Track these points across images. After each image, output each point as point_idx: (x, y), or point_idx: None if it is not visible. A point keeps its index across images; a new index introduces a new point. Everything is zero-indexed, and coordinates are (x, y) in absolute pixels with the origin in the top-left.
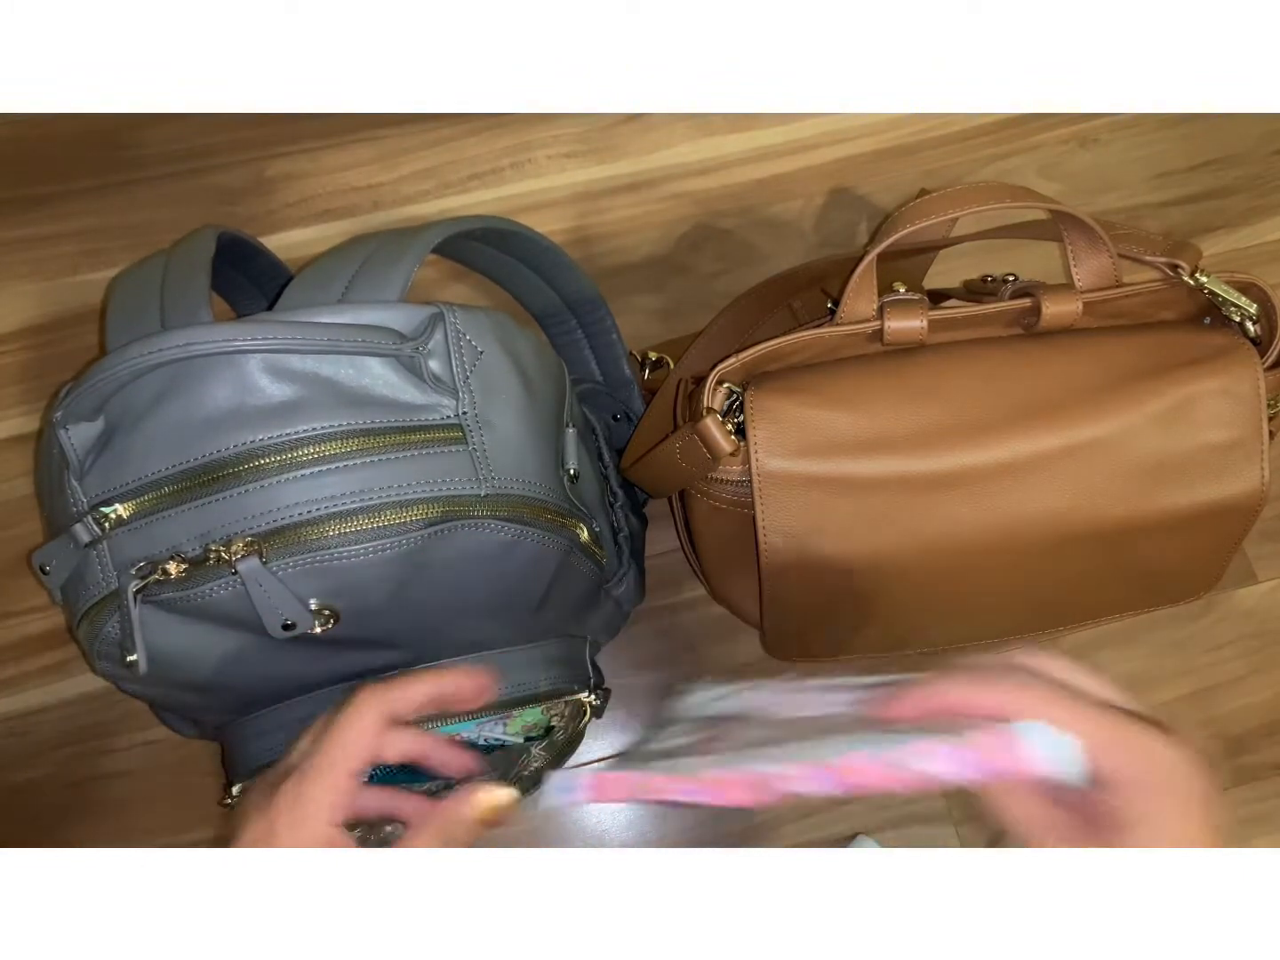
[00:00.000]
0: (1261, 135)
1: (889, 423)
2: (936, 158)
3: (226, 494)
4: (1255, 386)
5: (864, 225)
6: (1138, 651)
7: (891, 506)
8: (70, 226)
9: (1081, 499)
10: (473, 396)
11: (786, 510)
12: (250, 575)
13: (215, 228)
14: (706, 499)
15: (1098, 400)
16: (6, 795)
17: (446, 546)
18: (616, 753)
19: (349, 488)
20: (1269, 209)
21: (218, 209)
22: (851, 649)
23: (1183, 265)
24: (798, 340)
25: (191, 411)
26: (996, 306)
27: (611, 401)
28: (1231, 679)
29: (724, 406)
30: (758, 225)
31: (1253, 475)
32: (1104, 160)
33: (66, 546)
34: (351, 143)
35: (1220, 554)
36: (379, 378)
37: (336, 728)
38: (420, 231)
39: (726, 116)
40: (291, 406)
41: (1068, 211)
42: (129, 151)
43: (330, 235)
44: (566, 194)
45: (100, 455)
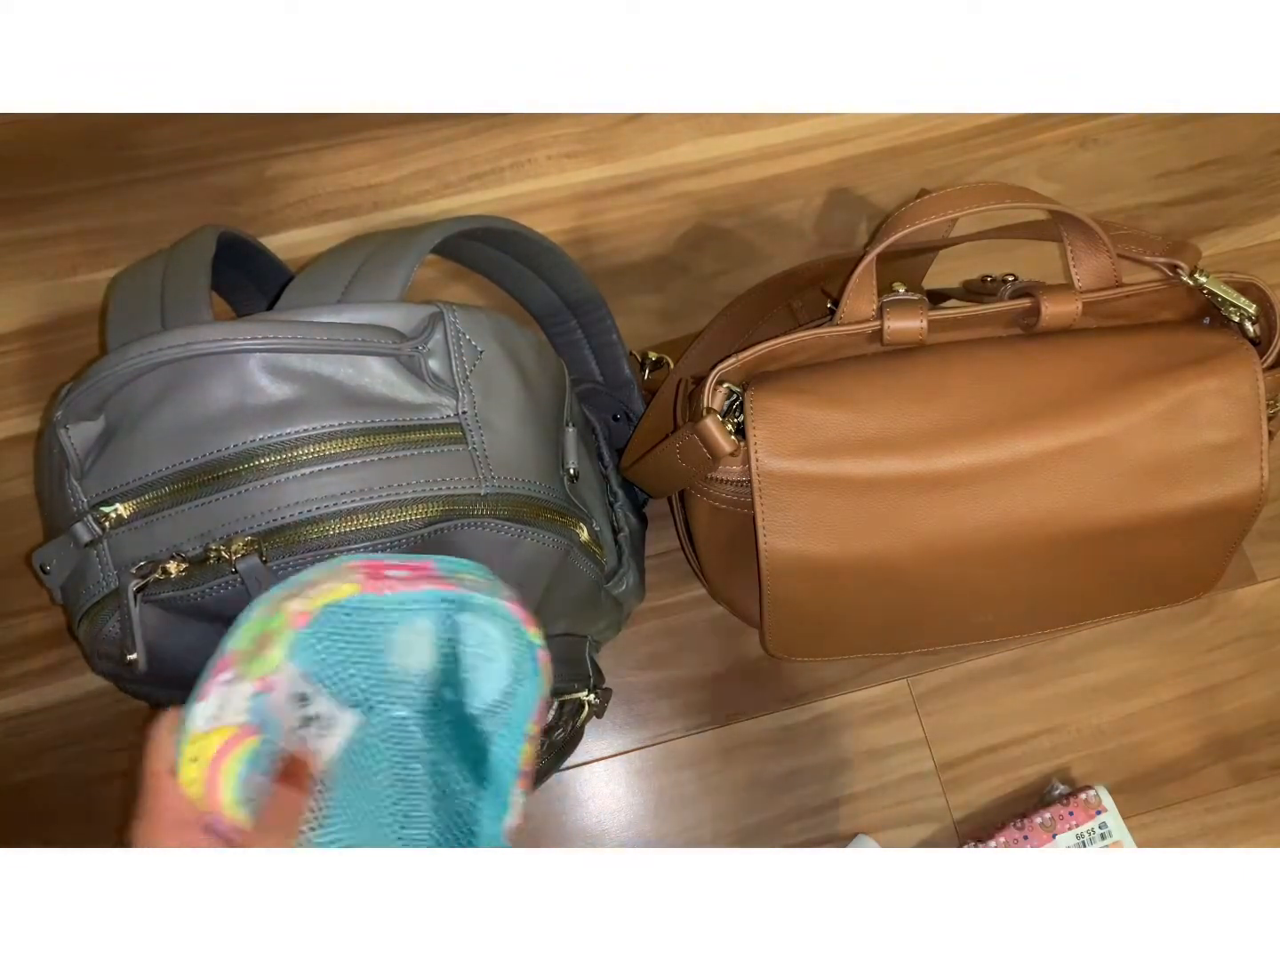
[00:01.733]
0: (1261, 135)
1: (889, 423)
2: (936, 158)
3: (226, 493)
4: (1255, 387)
5: (864, 225)
6: (1138, 651)
7: (891, 506)
8: (70, 226)
9: (1081, 499)
10: (472, 396)
11: (786, 510)
12: (250, 574)
13: (215, 228)
14: (706, 499)
15: (1097, 400)
16: (6, 795)
17: (446, 546)
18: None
19: (349, 487)
20: (1269, 209)
21: (218, 209)
22: (851, 649)
23: (1182, 265)
24: (798, 340)
25: (192, 411)
26: (996, 307)
27: (611, 401)
28: (1231, 679)
29: (724, 406)
30: (758, 225)
31: (1252, 475)
32: (1104, 160)
33: (67, 546)
34: (351, 143)
35: (1220, 554)
36: (379, 377)
37: None
38: (420, 231)
39: (726, 116)
40: (291, 406)
41: (1067, 212)
42: (129, 151)
43: (330, 235)
44: (566, 194)
45: (100, 455)
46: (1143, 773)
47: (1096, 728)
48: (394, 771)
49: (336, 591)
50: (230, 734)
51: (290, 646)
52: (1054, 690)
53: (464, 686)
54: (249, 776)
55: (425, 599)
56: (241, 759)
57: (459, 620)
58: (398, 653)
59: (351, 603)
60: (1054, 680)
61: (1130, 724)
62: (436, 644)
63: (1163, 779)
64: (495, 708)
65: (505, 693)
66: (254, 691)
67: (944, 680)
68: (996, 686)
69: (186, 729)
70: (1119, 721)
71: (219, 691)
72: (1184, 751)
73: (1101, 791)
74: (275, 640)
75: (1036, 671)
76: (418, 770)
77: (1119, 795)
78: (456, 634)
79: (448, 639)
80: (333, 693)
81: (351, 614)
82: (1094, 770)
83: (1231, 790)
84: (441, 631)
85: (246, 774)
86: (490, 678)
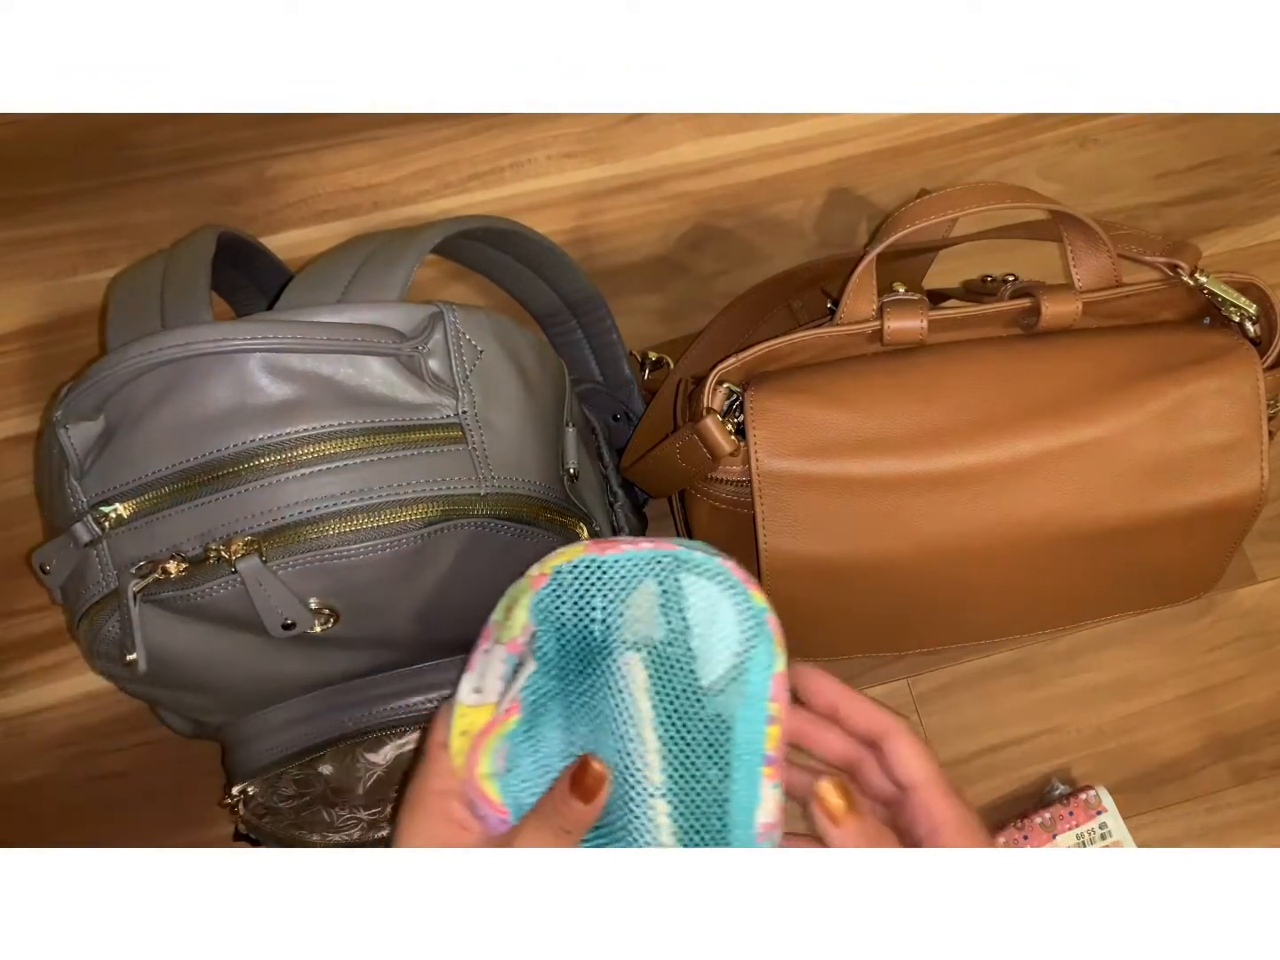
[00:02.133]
0: (1261, 135)
1: (889, 423)
2: (936, 158)
3: (226, 493)
4: (1255, 387)
5: (864, 225)
6: (1138, 651)
7: (891, 506)
8: (70, 226)
9: (1081, 499)
10: (472, 396)
11: (786, 510)
12: (250, 574)
13: (215, 227)
14: (706, 499)
15: (1097, 400)
16: (6, 795)
17: (446, 546)
18: None
19: (348, 487)
20: (1269, 209)
21: (218, 209)
22: (851, 649)
23: (1182, 265)
24: (798, 340)
25: (191, 411)
26: (996, 307)
27: (611, 401)
28: (1231, 679)
29: (724, 406)
30: (758, 225)
31: (1252, 475)
32: (1104, 160)
33: (66, 546)
34: (351, 143)
35: (1220, 554)
36: (379, 377)
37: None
38: (420, 231)
39: (726, 116)
40: (291, 406)
41: (1067, 211)
42: (129, 151)
43: (330, 235)
44: (566, 194)
45: (100, 455)
46: (1143, 773)
47: (1096, 728)
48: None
49: (568, 553)
50: (495, 711)
51: (530, 609)
52: (1054, 690)
53: (694, 655)
54: (504, 751)
55: (647, 557)
56: (501, 735)
57: (682, 581)
58: (629, 612)
59: (582, 561)
60: (1054, 680)
61: (1130, 724)
62: (663, 607)
63: (1163, 779)
64: (728, 680)
65: (736, 663)
66: (507, 655)
67: (944, 680)
68: (996, 686)
69: (456, 701)
70: (1119, 721)
71: (481, 660)
72: (1184, 751)
73: (1101, 792)
74: (519, 604)
75: (1036, 671)
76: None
77: (1119, 795)
78: (682, 596)
79: (675, 603)
80: (568, 648)
81: (581, 571)
82: (1094, 770)
83: (1232, 790)
84: (669, 592)
85: (503, 749)
86: (718, 644)
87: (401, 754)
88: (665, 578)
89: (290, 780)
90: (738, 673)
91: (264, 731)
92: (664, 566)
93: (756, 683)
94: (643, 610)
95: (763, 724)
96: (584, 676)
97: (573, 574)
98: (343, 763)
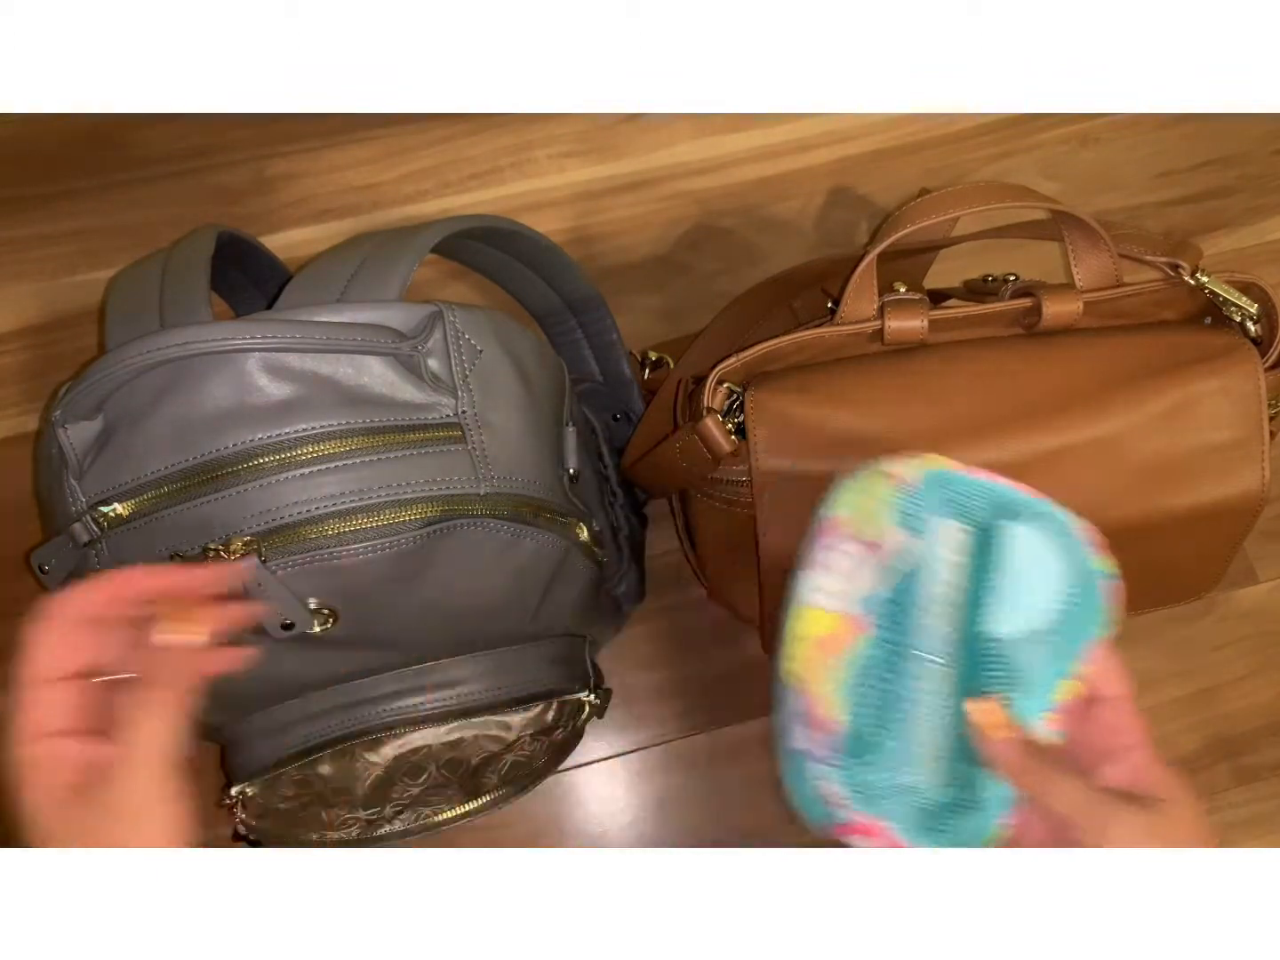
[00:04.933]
0: (1261, 135)
1: (890, 423)
2: (936, 158)
3: (225, 493)
4: (1256, 386)
5: (864, 225)
6: (1138, 651)
7: None
8: (70, 226)
9: (1081, 499)
10: (472, 395)
11: (787, 510)
12: (249, 574)
13: (215, 227)
14: (707, 499)
15: (1098, 400)
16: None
17: (445, 546)
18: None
19: (348, 487)
20: (1270, 209)
21: (218, 209)
22: None
23: (1183, 265)
24: (798, 340)
25: (190, 410)
26: (997, 306)
27: (611, 401)
28: (1232, 679)
29: (724, 406)
30: (758, 225)
31: (1253, 475)
32: (1104, 160)
33: (65, 546)
34: (351, 143)
35: (1221, 554)
36: (378, 376)
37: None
38: (419, 231)
39: (726, 116)
40: (290, 405)
41: (1068, 211)
42: (128, 151)
43: (330, 235)
44: (566, 194)
45: (99, 454)
46: None
47: None
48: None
49: (934, 460)
50: (844, 622)
51: (896, 509)
52: None
53: (1004, 604)
54: (862, 675)
55: (1005, 492)
56: (853, 650)
57: (1026, 528)
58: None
59: (948, 474)
60: None
61: None
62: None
63: None
64: (1036, 634)
65: (1051, 619)
66: (860, 553)
67: None
68: None
69: (797, 600)
70: None
71: (824, 558)
72: (1185, 751)
73: None
74: (879, 503)
75: None
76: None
77: None
78: (1021, 543)
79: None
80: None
81: (949, 484)
82: None
83: (1233, 790)
84: (1027, 539)
85: (858, 670)
86: (1036, 597)
87: (401, 754)
88: (1031, 525)
89: (290, 781)
90: (1051, 631)
91: (263, 732)
92: (1017, 507)
93: (1068, 643)
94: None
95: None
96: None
97: (940, 482)
98: (342, 763)
